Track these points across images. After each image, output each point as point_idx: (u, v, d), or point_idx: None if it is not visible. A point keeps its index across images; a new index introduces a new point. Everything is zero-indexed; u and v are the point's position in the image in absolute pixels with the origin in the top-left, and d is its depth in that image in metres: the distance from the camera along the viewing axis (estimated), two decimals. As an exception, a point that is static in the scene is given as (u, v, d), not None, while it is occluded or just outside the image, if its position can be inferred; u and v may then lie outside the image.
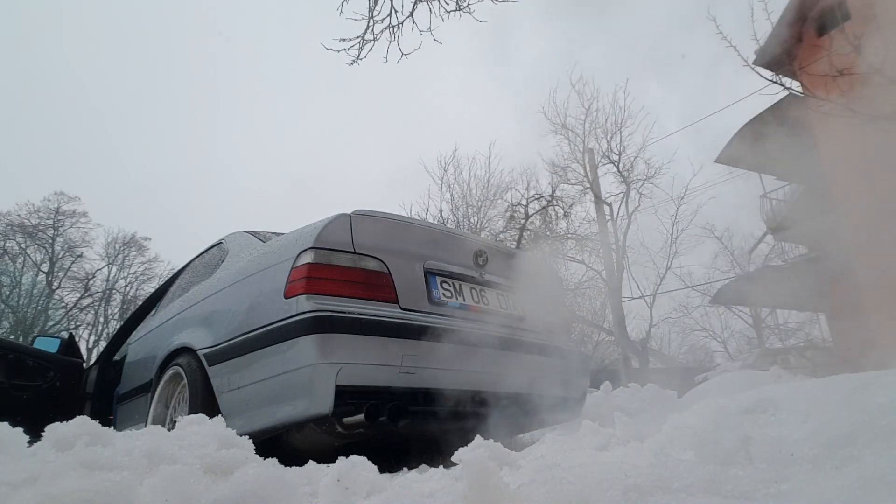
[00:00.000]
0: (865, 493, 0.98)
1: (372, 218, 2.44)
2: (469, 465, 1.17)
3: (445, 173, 16.36)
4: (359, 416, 2.04)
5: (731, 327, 24.14)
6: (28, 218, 25.44)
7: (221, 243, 3.24)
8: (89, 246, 26.85)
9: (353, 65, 4.72)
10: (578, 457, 1.51)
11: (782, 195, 13.93)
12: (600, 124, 14.38)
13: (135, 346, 3.63)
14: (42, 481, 1.15)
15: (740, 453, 1.32)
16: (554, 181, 15.14)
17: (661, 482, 1.11)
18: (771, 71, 7.22)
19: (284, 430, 2.15)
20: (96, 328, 27.10)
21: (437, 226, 8.10)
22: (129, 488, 1.17)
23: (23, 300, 25.19)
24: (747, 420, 1.49)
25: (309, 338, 2.06)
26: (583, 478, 1.15)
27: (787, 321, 22.08)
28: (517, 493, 1.17)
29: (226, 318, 2.52)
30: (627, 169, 14.16)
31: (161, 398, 2.79)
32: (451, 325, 2.38)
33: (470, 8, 4.64)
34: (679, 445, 1.47)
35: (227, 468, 1.34)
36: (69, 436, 1.36)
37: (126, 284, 28.04)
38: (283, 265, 2.30)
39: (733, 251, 21.29)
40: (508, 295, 2.83)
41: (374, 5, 4.58)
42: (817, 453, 1.23)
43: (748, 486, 1.09)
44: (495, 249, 2.88)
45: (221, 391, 2.34)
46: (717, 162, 13.53)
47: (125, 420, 3.39)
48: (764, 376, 4.05)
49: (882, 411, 1.24)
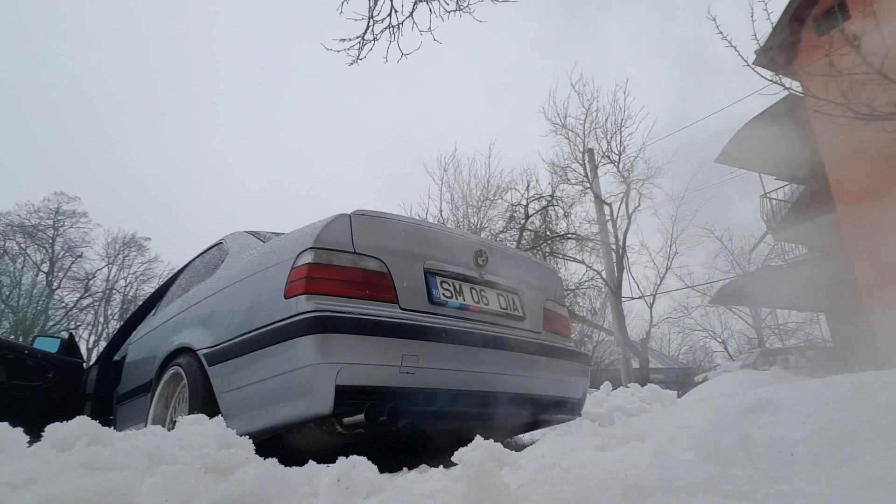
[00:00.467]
0: (865, 493, 0.98)
1: (372, 218, 2.44)
2: (469, 465, 1.17)
3: (445, 173, 16.38)
4: (359, 417, 2.04)
5: (731, 327, 24.19)
6: (28, 218, 25.48)
7: (221, 243, 3.24)
8: (89, 246, 26.89)
9: (353, 65, 4.72)
10: (578, 457, 1.50)
11: (782, 195, 13.92)
12: (600, 124, 14.39)
13: (135, 346, 3.63)
14: (42, 481, 1.15)
15: (740, 453, 1.32)
16: (554, 181, 15.16)
17: (661, 482, 1.11)
18: (771, 71, 7.22)
19: (284, 431, 2.15)
20: (96, 328, 27.13)
21: (437, 226, 8.10)
22: (129, 488, 1.17)
23: (23, 300, 25.18)
24: (747, 420, 1.49)
25: (309, 338, 2.06)
26: (583, 478, 1.15)
27: (787, 321, 22.10)
28: (517, 493, 1.16)
29: (226, 318, 2.52)
30: (627, 169, 14.17)
31: (161, 398, 2.79)
32: (452, 325, 2.38)
33: (470, 8, 4.64)
34: (679, 445, 1.47)
35: (227, 468, 1.34)
36: (69, 436, 1.36)
37: (126, 284, 28.09)
38: (283, 265, 2.30)
39: (733, 251, 21.32)
40: (508, 295, 2.83)
41: (374, 5, 4.58)
42: (817, 453, 1.23)
43: (748, 486, 1.09)
44: (495, 249, 2.88)
45: (221, 391, 2.34)
46: (718, 162, 13.55)
47: (125, 420, 3.39)
48: (764, 376, 4.05)
49: (882, 411, 1.24)
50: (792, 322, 22.11)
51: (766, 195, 13.69)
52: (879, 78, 4.83)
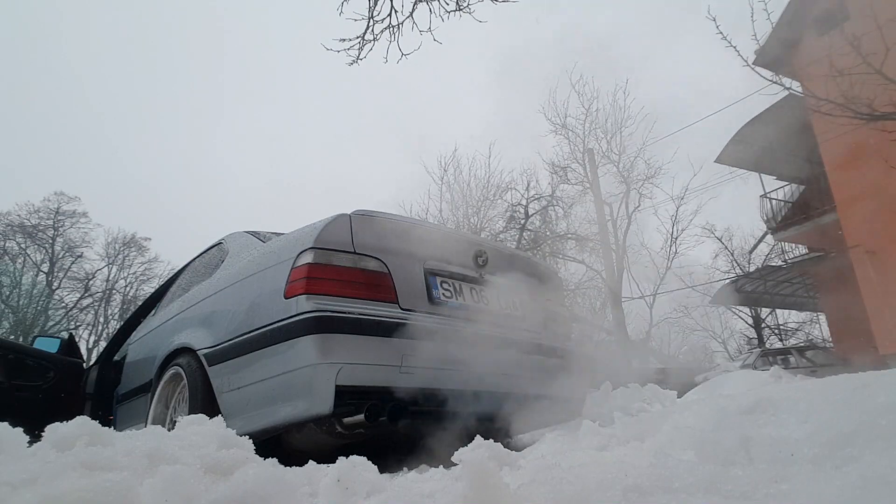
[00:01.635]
0: (865, 493, 0.98)
1: (372, 218, 2.44)
2: (469, 465, 1.17)
3: (445, 173, 16.38)
4: (359, 417, 2.04)
5: (731, 327, 24.18)
6: (28, 218, 25.49)
7: (221, 243, 3.24)
8: (89, 246, 26.90)
9: (352, 65, 4.71)
10: (578, 457, 1.50)
11: (782, 195, 13.92)
12: (600, 124, 14.40)
13: (135, 346, 3.63)
14: (42, 481, 1.15)
15: (740, 453, 1.32)
16: (554, 181, 15.16)
17: (661, 482, 1.11)
18: (771, 71, 7.22)
19: (284, 431, 2.15)
20: (96, 328, 27.14)
21: (438, 226, 8.10)
22: (129, 488, 1.17)
23: (23, 300, 25.18)
24: (747, 420, 1.49)
25: (309, 338, 2.06)
26: (583, 478, 1.15)
27: (787, 321, 22.10)
28: (517, 493, 1.16)
29: (226, 318, 2.52)
30: (627, 169, 14.17)
31: (161, 398, 2.79)
32: (452, 326, 2.38)
33: (470, 8, 4.63)
34: (679, 445, 1.46)
35: (227, 468, 1.34)
36: (69, 436, 1.36)
37: (126, 285, 28.10)
38: (283, 265, 2.30)
39: (733, 251, 21.32)
40: (508, 295, 2.83)
41: (374, 6, 4.57)
42: (817, 453, 1.22)
43: (748, 486, 1.09)
44: (495, 249, 2.88)
45: (221, 391, 2.34)
46: (717, 162, 13.54)
47: (125, 420, 3.39)
48: (764, 376, 4.05)
49: (882, 411, 1.24)
50: (792, 322, 22.12)
51: (766, 195, 13.69)
52: (879, 78, 4.83)
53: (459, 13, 4.61)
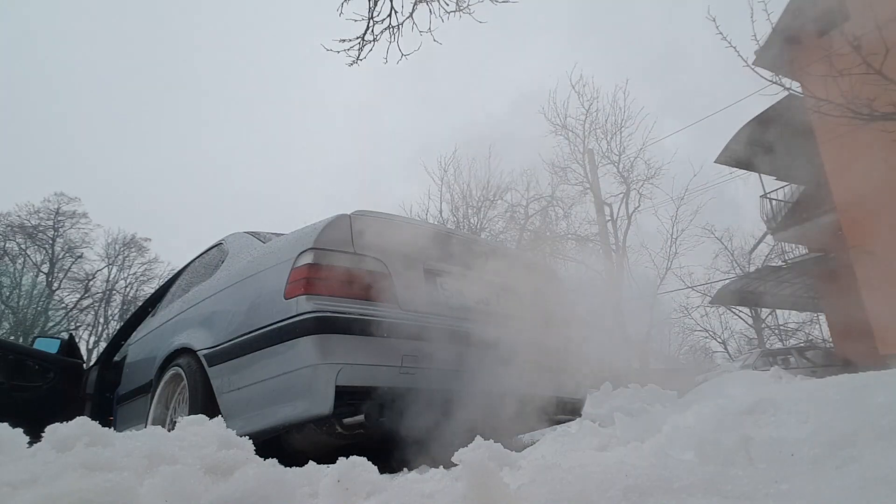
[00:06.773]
0: (865, 493, 0.98)
1: (372, 218, 2.44)
2: (469, 465, 1.17)
3: (445, 174, 16.37)
4: (359, 417, 2.04)
5: (731, 327, 24.18)
6: (28, 219, 25.49)
7: (221, 244, 3.24)
8: (89, 247, 26.91)
9: (352, 65, 4.71)
10: (578, 457, 1.50)
11: (782, 195, 13.92)
12: (600, 125, 14.39)
13: (135, 346, 3.63)
14: (42, 482, 1.15)
15: (740, 453, 1.32)
16: (554, 182, 15.14)
17: (661, 482, 1.11)
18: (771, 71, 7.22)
19: (284, 431, 2.15)
20: (96, 329, 27.13)
21: (437, 226, 8.09)
22: (129, 489, 1.17)
23: (23, 301, 25.19)
24: (747, 420, 1.50)
25: (309, 338, 2.06)
26: (583, 478, 1.15)
27: (787, 321, 22.09)
28: (517, 493, 1.16)
29: (226, 318, 2.52)
30: (627, 169, 14.17)
31: (161, 399, 2.79)
32: (452, 326, 2.38)
33: (470, 8, 4.63)
34: (679, 445, 1.47)
35: (227, 468, 1.34)
36: (69, 436, 1.36)
37: (126, 285, 28.10)
38: (283, 266, 2.29)
39: (733, 251, 21.32)
40: (508, 295, 2.83)
41: (374, 6, 4.57)
42: (817, 453, 1.23)
43: (748, 486, 1.09)
44: (495, 250, 2.88)
45: (221, 392, 2.34)
46: (717, 162, 13.54)
47: (125, 421, 3.39)
48: (764, 376, 4.05)
49: (882, 411, 1.24)
50: (792, 322, 22.11)
51: (766, 195, 13.68)
52: (879, 78, 4.84)
53: (459, 13, 4.62)
